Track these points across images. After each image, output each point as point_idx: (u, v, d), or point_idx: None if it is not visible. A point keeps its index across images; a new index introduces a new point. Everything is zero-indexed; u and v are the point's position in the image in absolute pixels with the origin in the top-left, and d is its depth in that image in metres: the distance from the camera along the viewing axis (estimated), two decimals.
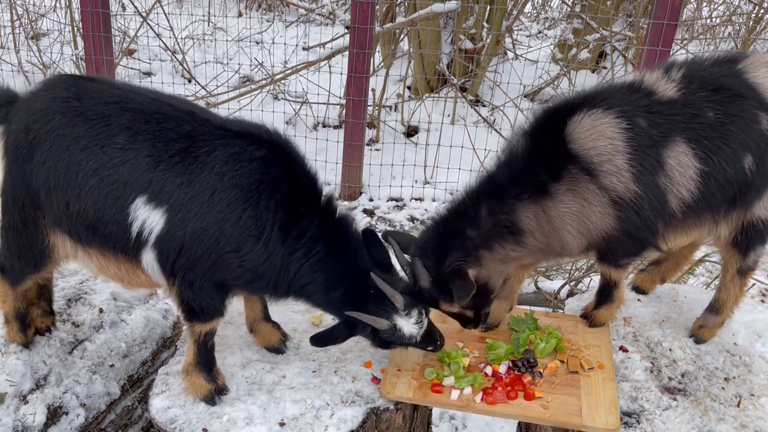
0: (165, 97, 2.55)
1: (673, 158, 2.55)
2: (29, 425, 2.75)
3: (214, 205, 2.35)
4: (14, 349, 2.93)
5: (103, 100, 2.47)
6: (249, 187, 2.36)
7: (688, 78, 2.65)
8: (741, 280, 2.95)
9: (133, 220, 2.40)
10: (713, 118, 2.58)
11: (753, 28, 8.17)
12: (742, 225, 2.77)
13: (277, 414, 2.59)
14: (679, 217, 2.64)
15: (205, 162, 2.37)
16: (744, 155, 2.59)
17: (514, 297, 3.09)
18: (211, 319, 2.57)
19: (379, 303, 2.49)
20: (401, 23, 7.30)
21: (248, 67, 8.20)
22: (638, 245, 2.71)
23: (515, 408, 2.61)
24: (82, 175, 2.42)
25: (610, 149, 2.52)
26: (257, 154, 2.40)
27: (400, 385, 2.68)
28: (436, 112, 7.38)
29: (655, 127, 2.56)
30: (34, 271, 2.74)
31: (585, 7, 7.90)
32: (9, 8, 8.31)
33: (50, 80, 2.62)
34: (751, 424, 2.65)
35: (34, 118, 2.48)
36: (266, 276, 2.46)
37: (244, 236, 2.37)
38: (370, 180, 6.52)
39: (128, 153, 2.39)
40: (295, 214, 2.42)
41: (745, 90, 2.62)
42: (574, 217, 2.58)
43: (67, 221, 2.50)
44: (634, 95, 2.62)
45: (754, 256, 2.88)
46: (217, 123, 2.47)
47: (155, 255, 2.44)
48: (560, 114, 2.63)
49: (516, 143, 2.68)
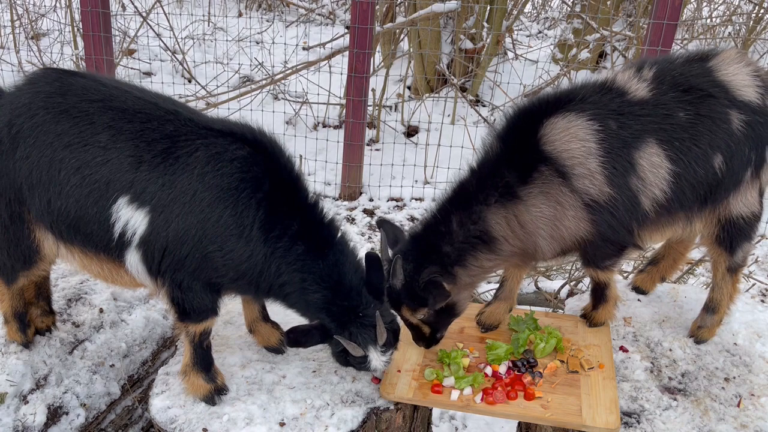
0: (150, 95, 2.54)
1: (646, 159, 2.56)
2: (29, 425, 2.75)
3: (196, 205, 2.35)
4: (14, 349, 2.93)
5: (87, 97, 2.46)
6: (229, 187, 2.35)
7: (659, 77, 2.65)
8: (732, 278, 2.96)
9: (115, 220, 2.40)
10: (684, 118, 2.59)
11: (753, 28, 8.17)
12: (722, 223, 2.78)
13: (277, 414, 2.59)
14: (653, 217, 2.65)
15: (187, 162, 2.37)
16: (714, 155, 2.61)
17: (514, 297, 3.09)
18: (203, 319, 2.56)
19: (362, 328, 2.48)
20: (401, 23, 7.30)
21: (248, 67, 8.19)
22: (616, 247, 2.71)
23: (515, 408, 2.61)
24: (64, 173, 2.41)
25: (583, 152, 2.52)
26: (239, 153, 2.39)
27: (400, 385, 2.68)
28: (436, 112, 7.38)
29: (627, 129, 2.55)
30: (25, 268, 2.72)
31: (585, 7, 7.89)
32: (9, 8, 8.31)
33: (34, 75, 2.60)
34: (751, 424, 2.65)
35: (18, 112, 2.47)
36: (248, 274, 2.45)
37: (226, 235, 2.37)
38: (370, 180, 6.52)
39: (110, 152, 2.39)
40: (277, 213, 2.40)
41: (714, 89, 2.63)
42: (546, 221, 2.57)
43: (48, 218, 2.50)
44: (607, 95, 2.62)
45: (741, 253, 2.89)
46: (201, 123, 2.46)
47: (140, 256, 2.44)
48: (533, 115, 2.61)
49: (489, 146, 2.66)
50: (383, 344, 2.49)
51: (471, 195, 2.59)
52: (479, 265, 2.63)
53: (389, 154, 6.81)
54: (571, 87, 2.72)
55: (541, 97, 2.69)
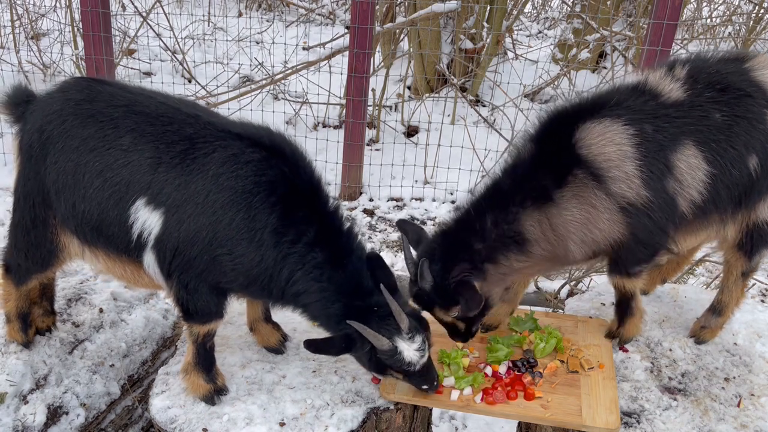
0: (173, 101, 2.55)
1: (683, 161, 2.54)
2: (29, 425, 2.75)
3: (208, 206, 2.34)
4: (14, 349, 2.93)
5: (113, 102, 2.49)
6: (243, 189, 2.33)
7: (694, 77, 2.63)
8: (743, 282, 2.95)
9: (134, 221, 2.41)
10: (720, 119, 2.57)
11: (753, 28, 8.17)
12: (748, 227, 2.76)
13: (277, 414, 2.59)
14: (690, 219, 2.63)
15: (203, 163, 2.36)
16: (750, 156, 2.60)
17: (516, 300, 3.09)
18: (208, 321, 2.56)
19: (382, 321, 2.39)
20: (401, 23, 7.30)
21: (248, 67, 8.19)
22: (650, 250, 2.68)
23: (515, 408, 2.61)
24: (89, 176, 2.43)
25: (619, 155, 2.50)
26: (254, 156, 2.37)
27: (400, 385, 2.68)
28: (436, 112, 7.38)
29: (663, 131, 2.53)
30: (41, 271, 2.75)
31: (585, 7, 7.89)
32: (9, 8, 8.30)
33: (66, 82, 2.65)
34: (751, 424, 2.65)
35: (49, 119, 2.50)
36: (259, 280, 2.41)
37: (237, 238, 2.35)
38: (370, 180, 6.52)
39: (132, 155, 2.40)
40: (292, 218, 2.36)
41: (752, 89, 2.61)
42: (578, 224, 2.56)
43: (74, 221, 2.52)
44: (641, 98, 2.60)
45: (758, 258, 2.88)
46: (220, 125, 2.45)
47: (155, 257, 2.45)
48: (569, 119, 2.60)
49: (523, 148, 2.64)
50: (408, 330, 2.39)
51: (507, 195, 2.58)
52: (509, 265, 2.62)
53: (389, 154, 6.81)
54: (605, 91, 2.72)
55: (575, 101, 2.68)
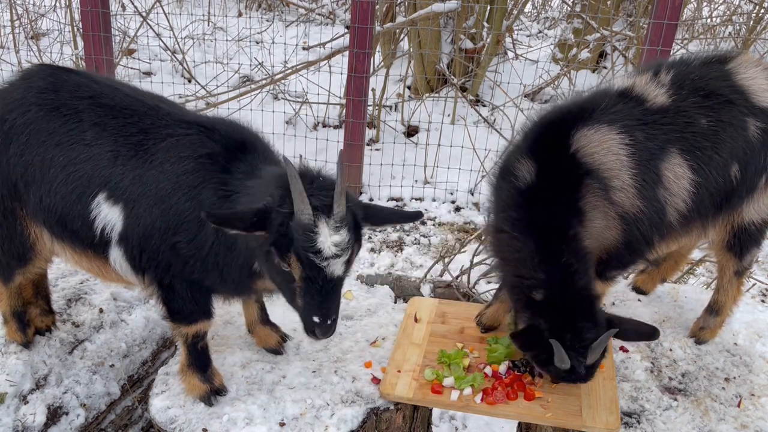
0: (139, 93, 2.52)
1: (670, 170, 2.52)
2: (29, 425, 2.75)
3: (159, 195, 2.33)
4: (14, 349, 2.93)
5: (78, 93, 2.45)
6: (184, 171, 2.31)
7: (678, 82, 2.60)
8: (738, 281, 2.96)
9: (95, 216, 2.39)
10: (705, 125, 2.55)
11: (753, 28, 8.17)
12: (734, 229, 2.76)
13: (277, 414, 2.59)
14: (674, 227, 2.62)
15: (152, 153, 2.35)
16: (732, 163, 2.59)
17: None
18: (194, 321, 2.52)
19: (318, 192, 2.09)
20: (401, 23, 7.30)
21: (248, 67, 8.19)
22: (633, 257, 2.67)
23: (515, 408, 2.61)
24: (53, 171, 2.41)
25: (617, 164, 2.47)
26: (194, 138, 2.35)
27: (400, 385, 2.68)
28: (436, 112, 7.38)
29: (652, 140, 2.50)
30: (22, 265, 2.71)
31: (585, 7, 7.89)
32: (9, 8, 8.30)
33: (29, 70, 2.59)
34: (751, 424, 2.65)
35: (10, 107, 2.46)
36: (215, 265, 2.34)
37: (187, 222, 2.31)
38: (370, 180, 6.51)
39: (93, 149, 2.38)
40: (232, 187, 2.29)
41: (734, 95, 2.59)
42: (599, 230, 2.52)
43: (42, 215, 2.50)
44: (629, 104, 2.56)
45: (749, 258, 2.88)
46: (177, 116, 2.43)
47: (122, 253, 2.42)
48: (560, 127, 2.52)
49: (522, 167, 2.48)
50: (339, 220, 2.07)
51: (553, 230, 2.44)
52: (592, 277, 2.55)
53: (389, 154, 6.81)
54: (590, 96, 2.64)
55: (563, 107, 2.61)
